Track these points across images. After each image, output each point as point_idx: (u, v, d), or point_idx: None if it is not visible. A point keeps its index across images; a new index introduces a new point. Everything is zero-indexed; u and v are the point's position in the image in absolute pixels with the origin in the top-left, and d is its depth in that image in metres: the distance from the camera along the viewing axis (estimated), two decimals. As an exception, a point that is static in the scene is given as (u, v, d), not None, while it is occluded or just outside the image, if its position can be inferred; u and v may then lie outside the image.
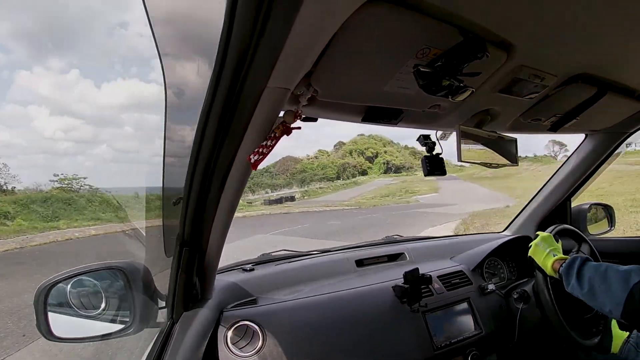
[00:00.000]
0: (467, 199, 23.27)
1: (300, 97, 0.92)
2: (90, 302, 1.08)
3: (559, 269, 1.30)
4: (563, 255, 1.35)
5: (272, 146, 0.92)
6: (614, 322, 1.47)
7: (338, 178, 54.32)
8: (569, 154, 2.03)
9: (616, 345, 1.40)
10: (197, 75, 0.81)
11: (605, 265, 1.20)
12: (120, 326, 1.06)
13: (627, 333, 1.39)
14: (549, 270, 1.35)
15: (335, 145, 68.19)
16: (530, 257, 1.44)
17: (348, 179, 54.39)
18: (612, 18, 0.81)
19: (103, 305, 1.08)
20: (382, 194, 34.75)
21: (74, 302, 1.05)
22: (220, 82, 0.66)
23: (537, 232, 1.49)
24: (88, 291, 1.08)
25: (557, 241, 1.45)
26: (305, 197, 39.04)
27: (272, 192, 44.24)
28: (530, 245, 1.45)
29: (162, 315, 1.13)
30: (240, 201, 1.04)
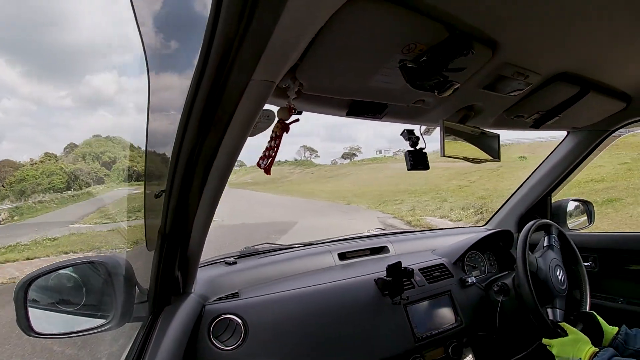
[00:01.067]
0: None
1: (288, 91, 0.92)
2: (70, 297, 1.06)
3: None
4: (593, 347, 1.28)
5: (277, 146, 0.93)
6: (600, 319, 1.50)
7: (68, 188, 41.65)
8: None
9: (606, 340, 1.43)
10: (181, 66, 0.80)
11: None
12: (102, 321, 1.04)
13: (617, 329, 1.42)
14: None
15: (65, 148, 53.97)
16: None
17: (81, 188, 42.22)
18: (596, 19, 0.83)
19: (84, 300, 1.06)
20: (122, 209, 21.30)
21: (54, 297, 1.03)
22: (205, 74, 0.65)
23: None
24: (68, 286, 1.06)
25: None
26: (15, 218, 24.92)
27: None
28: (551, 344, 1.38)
29: (143, 310, 1.12)
30: None
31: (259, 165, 0.94)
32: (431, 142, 1.32)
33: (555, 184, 2.07)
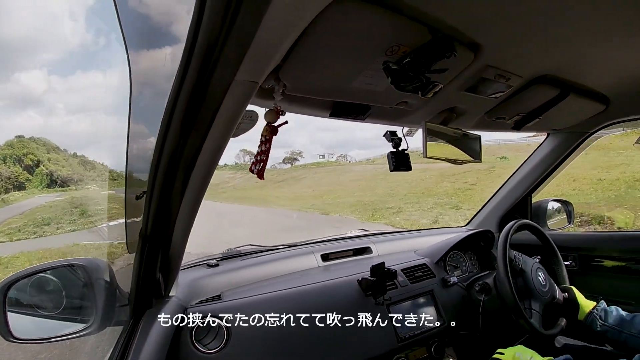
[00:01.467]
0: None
1: (274, 93, 0.92)
2: (50, 301, 1.05)
3: None
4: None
5: (268, 150, 0.94)
6: (578, 293, 1.54)
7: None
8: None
9: (582, 314, 1.46)
10: (163, 66, 0.79)
11: None
12: (82, 325, 1.03)
13: (594, 304, 1.46)
14: None
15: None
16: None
17: (-1, 194, 35.55)
18: (577, 23, 0.85)
19: (64, 304, 1.04)
20: (37, 221, 16.74)
21: (34, 301, 1.02)
22: (188, 74, 0.65)
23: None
24: (48, 289, 1.05)
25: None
26: None
27: None
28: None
29: (124, 314, 1.11)
30: None
31: (251, 170, 0.95)
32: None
33: (536, 185, 2.10)
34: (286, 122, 0.98)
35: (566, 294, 1.56)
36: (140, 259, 1.01)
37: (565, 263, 1.70)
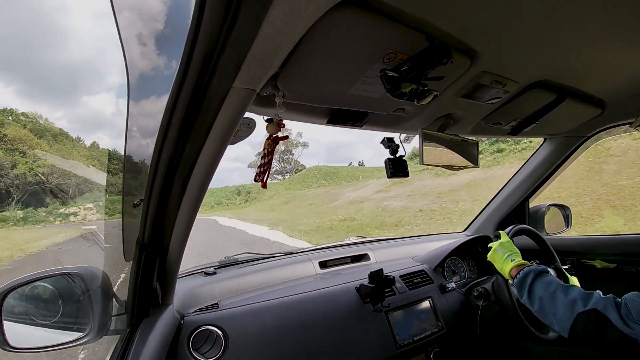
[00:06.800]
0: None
1: (277, 105, 0.93)
2: (47, 310, 1.04)
3: (515, 277, 1.32)
4: (521, 261, 1.37)
5: (270, 161, 0.98)
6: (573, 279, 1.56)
7: None
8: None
9: None
10: (161, 73, 0.79)
11: (555, 285, 1.21)
12: (79, 334, 1.02)
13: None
14: (506, 275, 1.38)
15: None
16: (489, 261, 1.47)
17: None
18: (572, 28, 0.86)
19: (60, 313, 1.03)
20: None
21: (30, 310, 1.01)
22: (186, 81, 0.65)
23: (498, 232, 1.53)
24: (45, 298, 1.04)
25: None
26: None
27: None
28: (490, 247, 1.48)
29: (121, 322, 1.10)
30: None
31: (256, 180, 0.99)
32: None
33: (533, 190, 2.10)
34: (287, 137, 0.99)
35: None
36: (138, 267, 1.00)
37: (564, 267, 1.70)
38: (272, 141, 0.97)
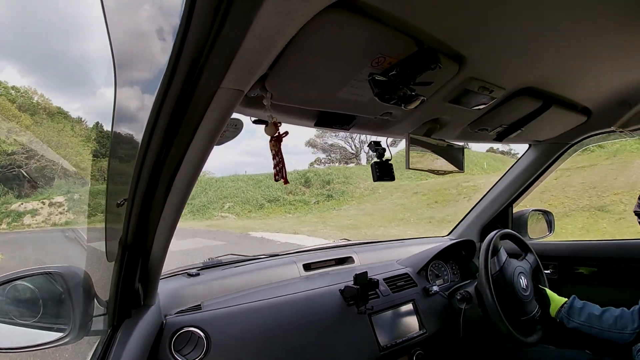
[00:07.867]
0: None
1: (266, 106, 0.93)
2: (26, 309, 1.02)
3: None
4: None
5: (282, 159, 0.99)
6: (550, 291, 1.60)
7: None
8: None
9: (553, 310, 1.52)
10: (149, 72, 0.79)
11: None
12: (59, 334, 1.00)
13: (565, 299, 1.50)
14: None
15: None
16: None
17: None
18: (559, 36, 0.87)
19: (40, 312, 1.02)
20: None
21: (9, 310, 0.99)
22: (174, 80, 0.64)
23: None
24: (24, 297, 1.02)
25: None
26: None
27: None
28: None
29: (102, 323, 1.08)
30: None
31: (276, 180, 1.00)
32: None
33: (517, 195, 2.13)
34: (287, 133, 0.99)
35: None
36: (120, 267, 0.99)
37: (546, 272, 1.72)
38: (275, 142, 0.98)
